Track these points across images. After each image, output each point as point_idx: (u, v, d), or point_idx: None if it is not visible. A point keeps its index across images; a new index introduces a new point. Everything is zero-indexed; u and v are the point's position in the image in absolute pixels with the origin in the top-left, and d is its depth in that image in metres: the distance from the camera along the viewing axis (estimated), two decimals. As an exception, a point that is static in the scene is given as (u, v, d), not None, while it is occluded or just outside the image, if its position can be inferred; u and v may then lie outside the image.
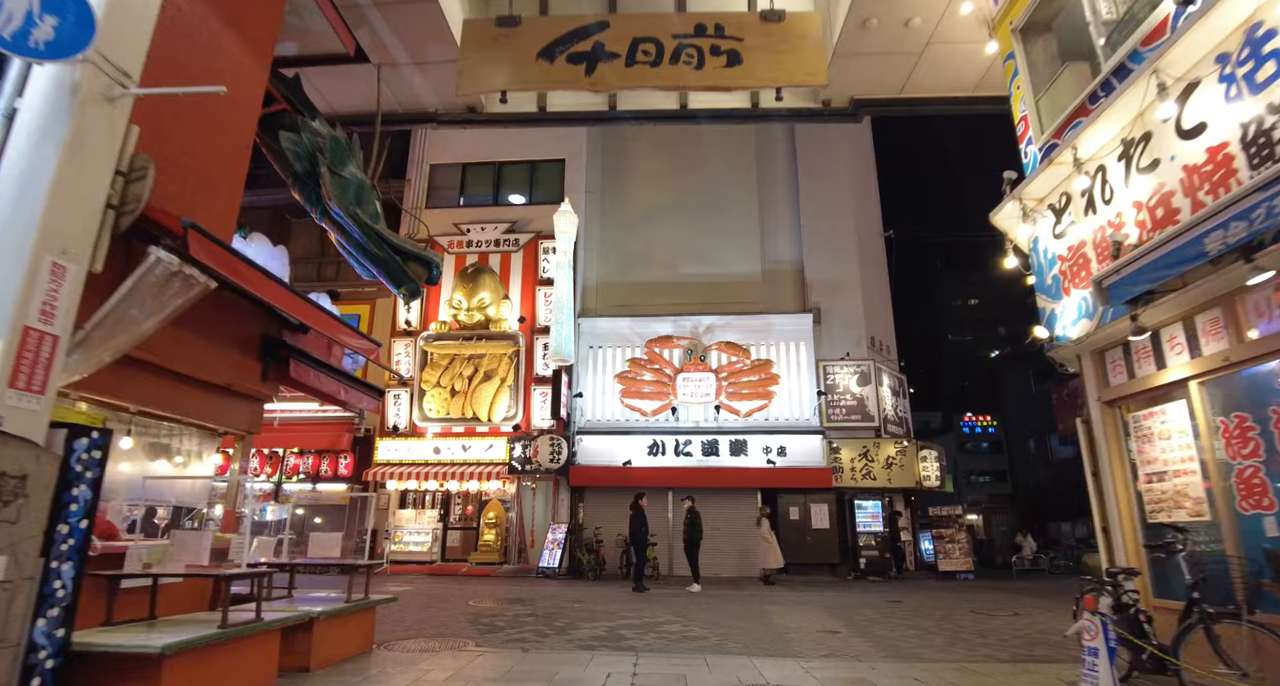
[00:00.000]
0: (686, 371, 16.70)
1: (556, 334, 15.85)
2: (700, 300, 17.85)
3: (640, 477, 15.45)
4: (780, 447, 16.03)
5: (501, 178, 19.77)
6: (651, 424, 16.71)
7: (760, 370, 16.64)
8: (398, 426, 17.26)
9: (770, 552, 13.99)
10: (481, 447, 16.77)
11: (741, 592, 12.01)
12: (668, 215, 19.16)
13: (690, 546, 12.13)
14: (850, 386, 16.84)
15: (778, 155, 19.54)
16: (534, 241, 18.23)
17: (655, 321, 17.43)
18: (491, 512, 16.84)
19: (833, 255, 18.23)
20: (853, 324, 17.64)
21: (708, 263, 18.54)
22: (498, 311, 17.52)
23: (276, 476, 17.42)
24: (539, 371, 17.02)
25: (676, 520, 15.54)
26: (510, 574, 15.47)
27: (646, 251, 18.91)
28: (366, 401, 7.93)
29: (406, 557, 16.67)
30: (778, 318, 17.22)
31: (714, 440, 16.22)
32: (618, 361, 17.31)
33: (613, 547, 15.27)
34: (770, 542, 14.08)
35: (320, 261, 20.48)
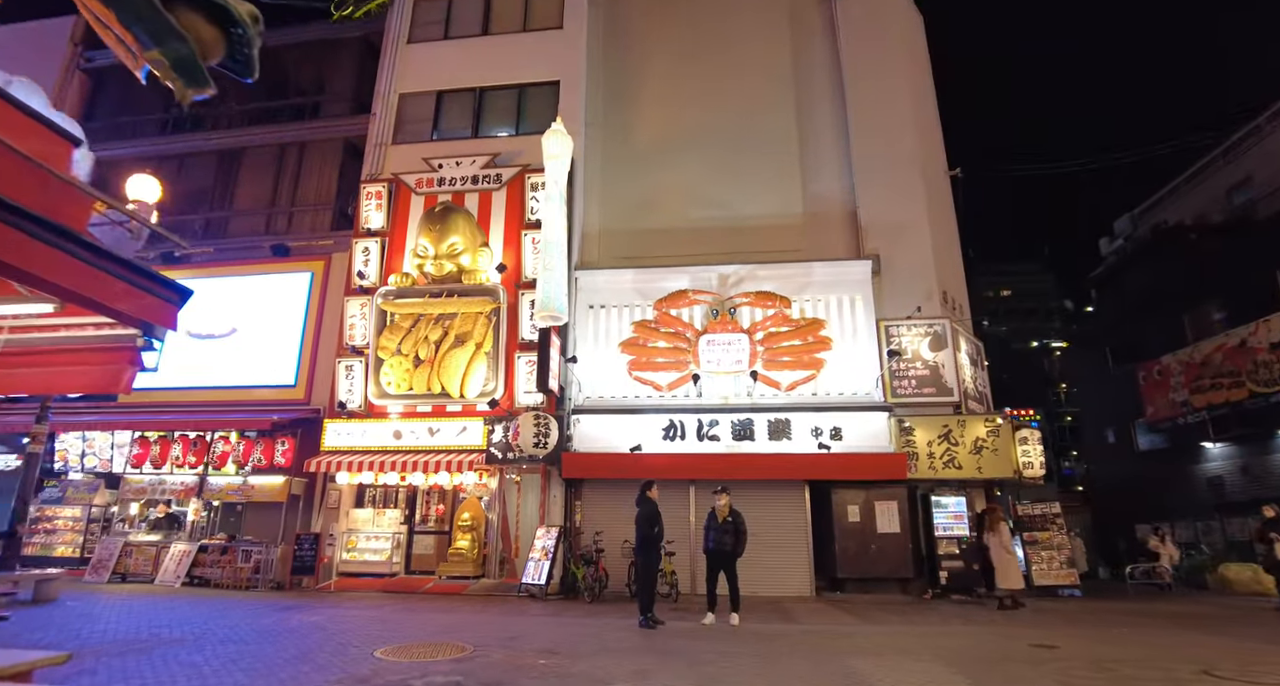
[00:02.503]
0: (711, 333, 13.11)
1: (545, 284, 12.33)
2: (724, 248, 14.27)
3: (653, 467, 11.85)
4: (834, 429, 12.41)
5: (483, 106, 16.29)
6: (667, 400, 13.16)
7: (807, 331, 13.02)
8: (346, 404, 13.80)
9: (1009, 569, 10.61)
10: (453, 431, 13.28)
11: (798, 627, 8.42)
12: (684, 150, 15.60)
13: (729, 561, 8.54)
14: (921, 351, 13.18)
15: (818, 75, 15.91)
16: (520, 176, 14.72)
17: (668, 274, 13.86)
18: (467, 513, 13.36)
19: (892, 192, 14.56)
20: (920, 275, 13.97)
21: (734, 204, 14.95)
22: (473, 261, 14.02)
23: (202, 466, 14.04)
24: (525, 335, 13.50)
25: (701, 522, 11.97)
26: (486, 591, 11.97)
27: (657, 193, 15.36)
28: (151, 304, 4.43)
29: (361, 569, 13.23)
30: (825, 266, 13.60)
31: (748, 420, 12.62)
32: (624, 324, 13.76)
33: (617, 558, 11.73)
34: (1011, 555, 10.80)
35: (270, 213, 17.16)
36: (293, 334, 15.25)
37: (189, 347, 15.69)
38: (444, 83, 16.56)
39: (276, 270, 15.96)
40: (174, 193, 18.05)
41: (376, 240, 14.91)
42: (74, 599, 9.60)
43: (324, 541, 12.80)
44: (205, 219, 17.47)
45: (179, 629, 7.05)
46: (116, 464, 14.93)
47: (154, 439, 14.40)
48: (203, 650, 5.91)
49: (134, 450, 14.45)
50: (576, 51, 16.05)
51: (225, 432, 14.14)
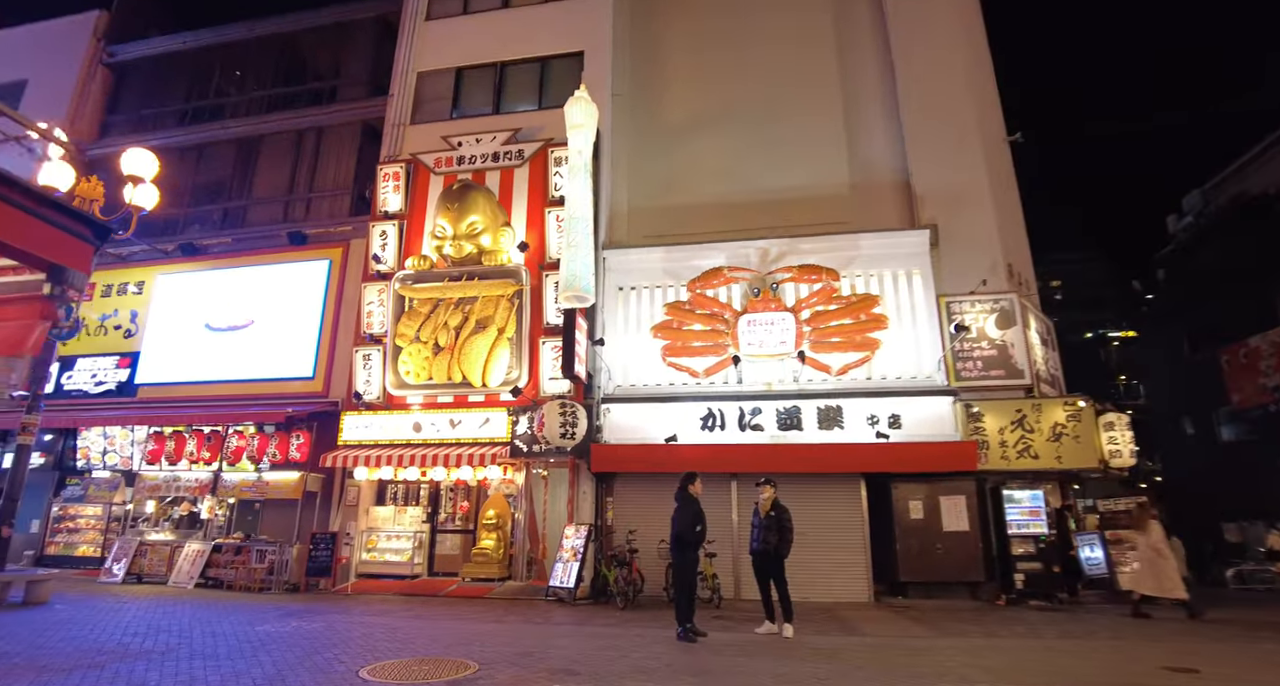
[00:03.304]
0: (752, 312, 11.97)
1: (570, 262, 11.35)
2: (762, 223, 13.10)
3: (690, 460, 10.79)
4: (892, 416, 11.17)
5: (504, 81, 15.40)
6: (705, 387, 12.07)
7: (858, 308, 11.79)
8: (362, 395, 13.02)
9: (1163, 572, 9.38)
10: (475, 422, 12.39)
11: (861, 640, 7.26)
12: (717, 121, 14.50)
13: (774, 562, 7.42)
14: (987, 330, 11.84)
15: (862, 37, 14.62)
16: (543, 152, 13.78)
17: (702, 251, 12.76)
18: (492, 510, 12.46)
19: (948, 158, 13.22)
20: (982, 247, 12.60)
21: (772, 177, 13.77)
22: (494, 241, 13.12)
23: (216, 462, 13.41)
24: (549, 319, 12.55)
25: (746, 520, 10.86)
26: (511, 594, 11.03)
27: (689, 168, 14.27)
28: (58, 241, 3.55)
29: (382, 570, 12.45)
30: (876, 237, 12.34)
31: (794, 408, 11.46)
32: (655, 307, 12.71)
33: (653, 559, 10.66)
34: (1167, 558, 9.51)
35: (288, 200, 16.54)
36: (311, 324, 14.57)
37: (206, 340, 15.16)
38: (463, 59, 15.74)
39: (294, 258, 15.32)
40: (194, 184, 17.67)
41: (394, 223, 14.15)
42: (67, 602, 8.94)
43: (341, 541, 12.02)
44: (224, 209, 16.96)
45: (155, 638, 6.24)
46: (136, 461, 14.46)
47: (168, 434, 13.84)
48: (164, 666, 5.05)
49: (149, 446, 13.91)
50: (601, 20, 15.06)
51: (240, 427, 13.50)
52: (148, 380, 15.30)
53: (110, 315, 16.34)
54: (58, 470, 15.40)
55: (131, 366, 15.59)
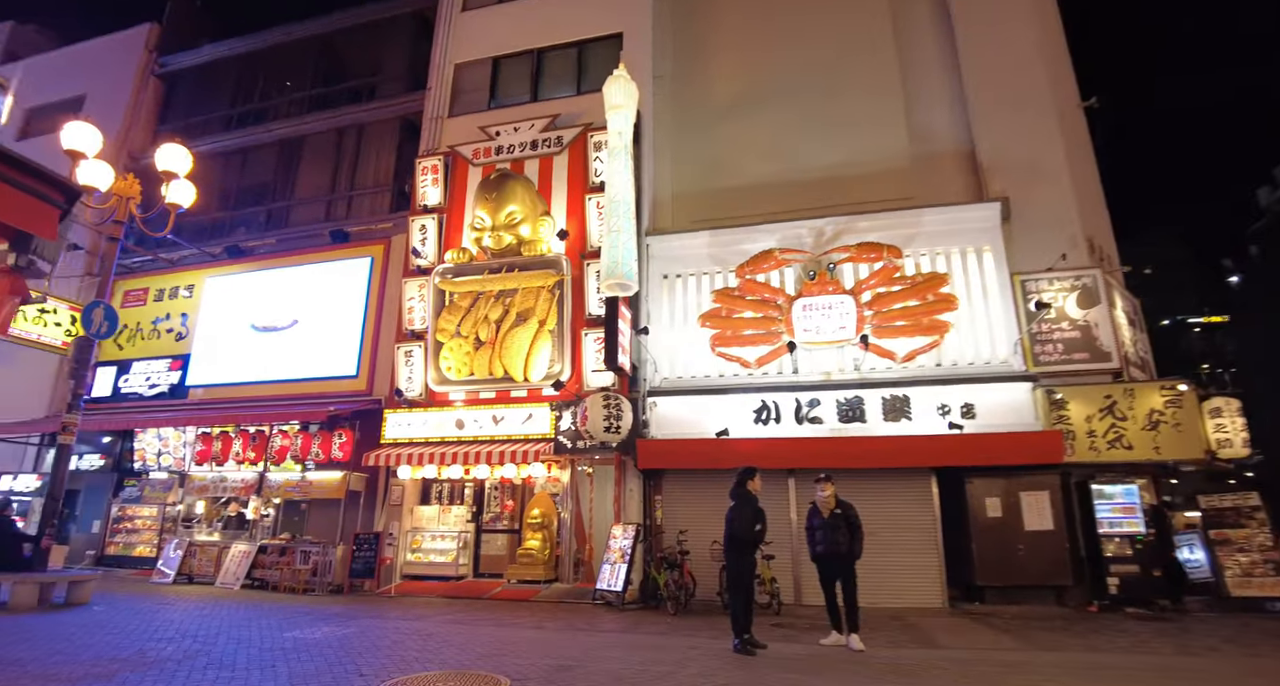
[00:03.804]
0: (808, 296, 11.17)
1: (611, 247, 10.78)
2: (815, 203, 12.29)
3: (744, 455, 9.97)
4: (965, 405, 10.25)
5: (542, 68, 14.95)
6: (758, 378, 11.34)
7: (925, 289, 10.87)
8: (403, 392, 12.72)
9: None
10: (518, 418, 11.94)
11: (942, 653, 6.45)
12: (764, 99, 13.73)
13: (845, 565, 6.67)
14: (1068, 309, 10.78)
15: (918, 3, 13.66)
16: (582, 137, 13.26)
17: (751, 233, 12.01)
18: (537, 509, 11.99)
19: (1018, 125, 12.14)
20: (1059, 220, 11.52)
21: (824, 154, 12.94)
22: (533, 230, 12.66)
23: (261, 463, 13.31)
24: (592, 310, 12.02)
25: (804, 518, 10.12)
26: (557, 597, 10.53)
27: (735, 148, 13.54)
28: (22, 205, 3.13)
29: (426, 571, 12.11)
30: (940, 212, 11.40)
31: (857, 398, 10.64)
32: (703, 294, 12.04)
33: (705, 561, 9.99)
34: None
35: (330, 199, 16.47)
36: (354, 322, 14.39)
37: (252, 341, 15.16)
38: (500, 48, 15.37)
39: (337, 257, 15.19)
40: (240, 187, 17.79)
41: (433, 217, 13.85)
42: (110, 603, 8.81)
43: (384, 541, 11.72)
44: (268, 210, 17.01)
45: (178, 644, 5.91)
46: (187, 462, 14.54)
47: (215, 435, 13.83)
48: (175, 677, 4.66)
49: (197, 447, 13.93)
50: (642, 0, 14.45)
51: (284, 427, 13.38)
52: (197, 382, 15.41)
53: (162, 319, 16.55)
54: (116, 472, 15.65)
55: (183, 368, 15.73)
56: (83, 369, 9.28)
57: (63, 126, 9.31)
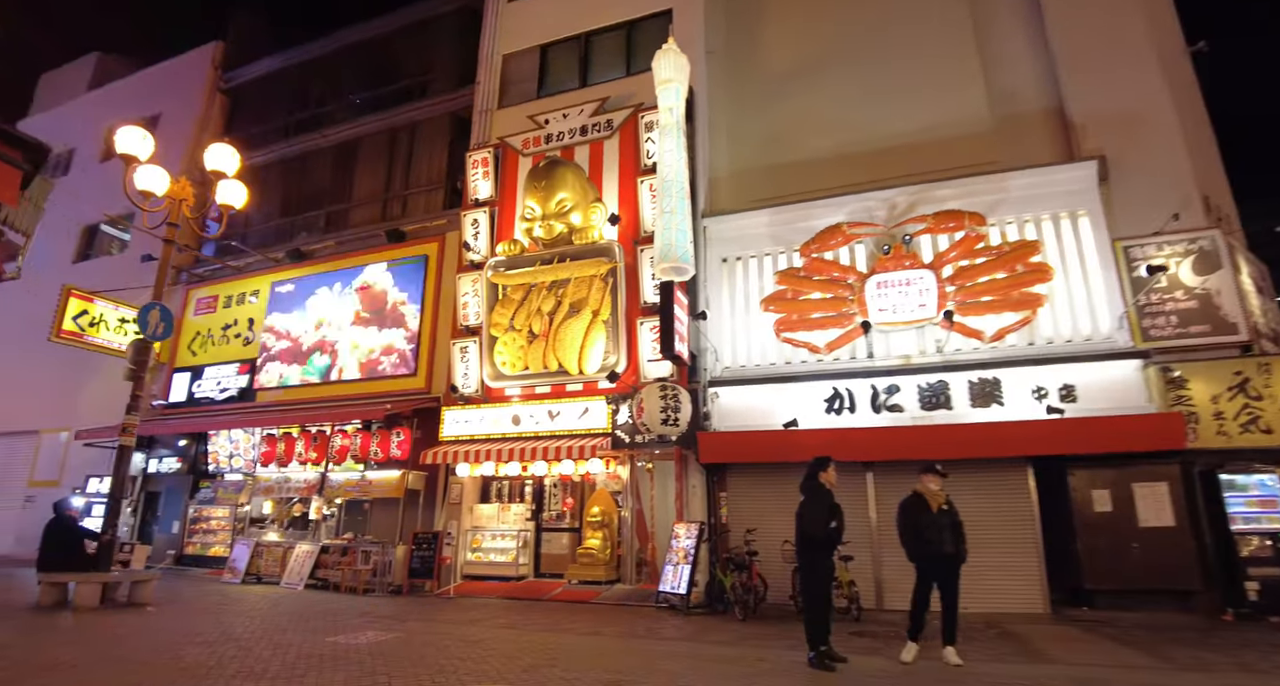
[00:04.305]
0: (882, 272, 10.26)
1: (665, 229, 10.16)
2: (886, 174, 11.33)
3: (815, 447, 9.19)
4: (1064, 387, 9.16)
5: (590, 52, 14.49)
6: (828, 364, 10.51)
7: (1014, 258, 9.80)
8: (458, 388, 12.46)
9: None
10: (574, 413, 11.49)
11: (1055, 670, 5.55)
12: (824, 67, 12.80)
13: (953, 569, 5.84)
14: (1182, 276, 9.51)
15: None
16: (633, 118, 12.71)
17: (815, 209, 11.18)
18: (596, 507, 11.51)
19: (1114, 77, 10.86)
20: (1167, 178, 10.20)
21: (894, 121, 11.92)
22: (584, 218, 12.18)
23: (323, 463, 13.31)
24: (647, 298, 11.44)
25: (886, 516, 9.29)
26: (619, 599, 10.00)
27: (795, 122, 12.67)
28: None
29: (487, 571, 11.81)
30: (1027, 175, 10.28)
31: (940, 382, 9.68)
32: (765, 277, 11.29)
33: (776, 562, 9.27)
34: None
35: (385, 199, 16.47)
36: (412, 320, 14.27)
37: (314, 342, 15.27)
38: (547, 35, 14.99)
39: (394, 256, 15.13)
40: (300, 193, 18.04)
41: (485, 211, 13.57)
42: (172, 602, 8.81)
43: (442, 541, 11.46)
44: (326, 214, 17.17)
45: (215, 649, 5.66)
46: (256, 463, 14.75)
47: (279, 436, 13.95)
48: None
49: (262, 448, 14.09)
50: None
51: (344, 426, 13.36)
52: (264, 384, 15.64)
53: (231, 324, 16.92)
54: (192, 474, 16.05)
55: (250, 372, 16.01)
56: (140, 371, 9.31)
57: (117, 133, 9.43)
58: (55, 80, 26.33)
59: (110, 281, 16.69)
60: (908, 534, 5.95)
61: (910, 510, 6.03)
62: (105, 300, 16.40)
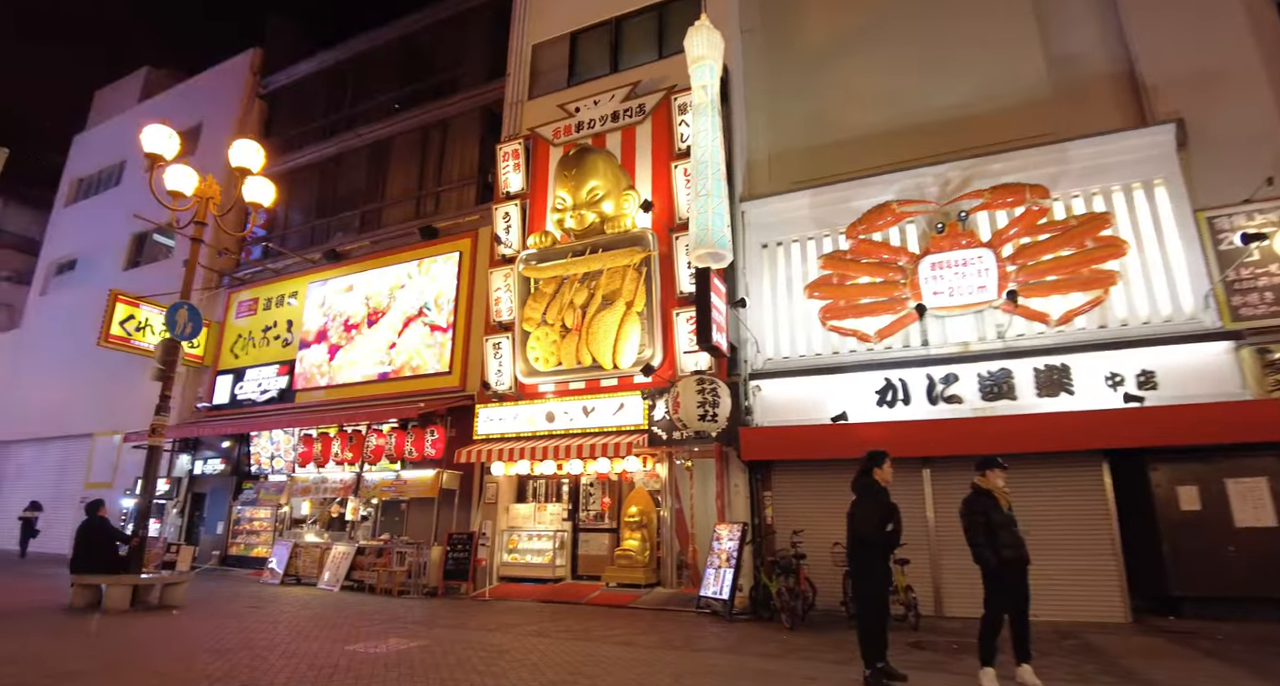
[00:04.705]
0: (936, 252, 9.53)
1: (700, 213, 9.63)
2: (937, 149, 10.57)
3: (866, 442, 8.51)
4: (1143, 372, 8.31)
5: (621, 37, 14.04)
6: (879, 353, 9.83)
7: (1082, 233, 8.96)
8: (491, 385, 12.15)
9: None
10: (609, 409, 11.05)
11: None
12: (868, 41, 12.07)
13: (1025, 573, 5.17)
14: (1276, 248, 8.54)
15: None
16: (665, 101, 12.21)
17: (861, 188, 10.50)
18: (634, 506, 11.04)
19: (1191, 32, 9.90)
20: (1258, 140, 9.19)
21: (944, 93, 11.14)
22: (617, 206, 11.74)
23: (359, 463, 13.16)
24: (683, 288, 10.93)
25: (945, 516, 8.60)
26: (658, 604, 9.51)
27: (836, 99, 11.98)
28: None
29: (523, 573, 11.45)
30: (1095, 142, 9.41)
31: (1003, 370, 8.92)
32: (809, 262, 10.65)
33: (825, 566, 8.65)
34: None
35: (419, 196, 16.33)
36: (446, 318, 14.04)
37: (351, 342, 15.19)
38: (577, 22, 14.60)
39: (426, 254, 14.95)
40: (335, 193, 18.04)
41: (516, 204, 13.26)
42: (205, 603, 8.67)
43: (477, 541, 11.15)
44: (361, 214, 17.12)
45: (228, 659, 5.38)
46: (295, 464, 14.73)
47: (316, 436, 13.88)
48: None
49: (299, 448, 14.04)
50: (722, -51, 13.20)
51: (379, 426, 13.19)
52: (302, 385, 15.64)
53: (271, 326, 17.01)
54: (235, 475, 16.17)
55: (290, 373, 16.03)
56: (169, 371, 9.20)
57: (147, 130, 9.37)
58: (108, 95, 27.13)
59: (158, 287, 16.96)
60: (981, 536, 5.20)
61: (981, 508, 5.27)
62: (151, 305, 16.71)
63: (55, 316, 22.09)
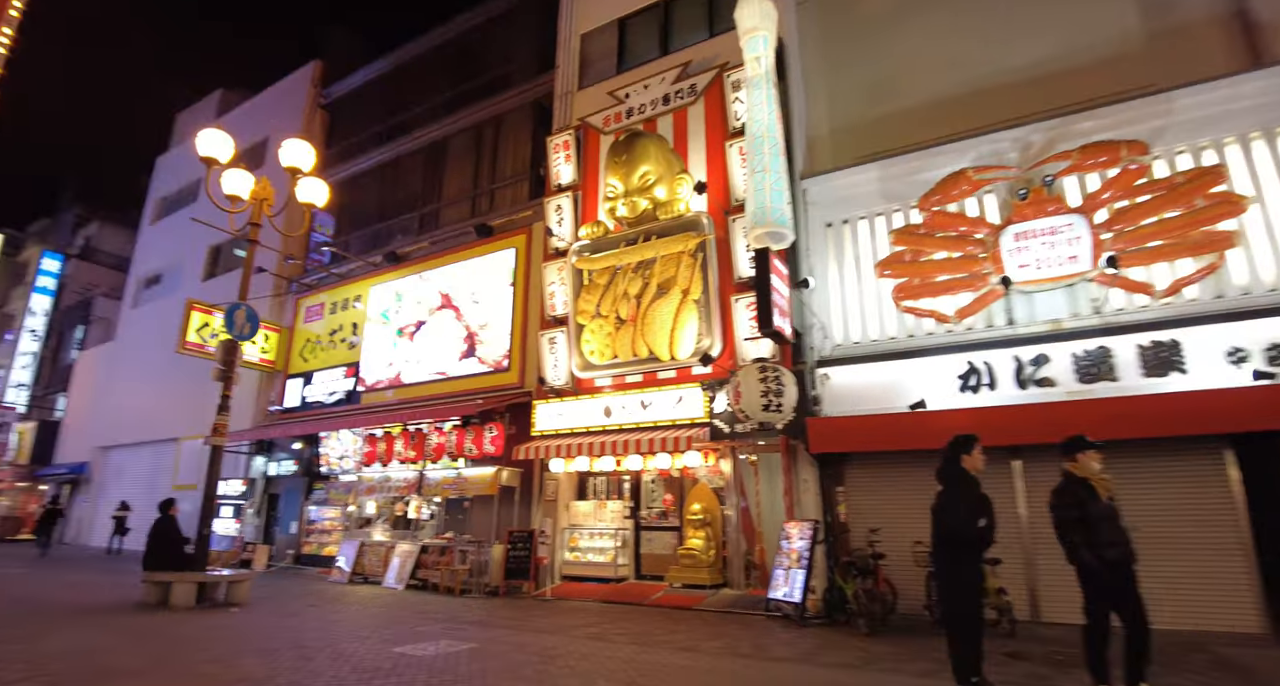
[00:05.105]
0: (1020, 221, 8.66)
1: (757, 191, 9.07)
2: (1015, 110, 9.63)
3: (948, 431, 7.78)
4: (1274, 347, 7.27)
5: (670, 19, 13.57)
6: (959, 334, 9.03)
7: (1192, 191, 7.94)
8: (547, 380, 11.89)
9: None
10: (668, 402, 10.60)
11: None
12: (932, 1, 11.22)
13: (1132, 575, 4.45)
14: None
15: None
16: (718, 79, 11.68)
17: (933, 157, 9.68)
18: (697, 504, 10.56)
19: (1313, -39, 8.71)
20: (1402, 77, 7.99)
21: (1021, 51, 10.16)
22: (670, 191, 11.27)
23: (421, 462, 13.14)
24: (741, 273, 10.38)
25: (1039, 510, 7.77)
26: (724, 605, 9.00)
27: (903, 66, 11.13)
28: None
29: (585, 572, 11.15)
30: (1201, 91, 8.32)
31: (1101, 349, 8.00)
32: (878, 239, 9.92)
33: (906, 566, 7.96)
34: None
35: (474, 195, 16.30)
36: (504, 315, 13.91)
37: (412, 342, 15.27)
38: (625, 7, 14.22)
39: (482, 252, 14.86)
40: (395, 197, 18.25)
41: (568, 195, 12.98)
42: (266, 603, 8.68)
43: (537, 539, 10.90)
44: (419, 215, 17.24)
45: (274, 660, 5.23)
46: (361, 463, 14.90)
47: (380, 436, 13.96)
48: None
49: (364, 448, 14.15)
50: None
51: (440, 424, 13.13)
52: (367, 386, 15.83)
53: (337, 330, 17.31)
54: (307, 476, 16.51)
55: (355, 375, 16.26)
56: (229, 371, 9.29)
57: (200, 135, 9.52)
58: (187, 118, 28.48)
59: (232, 295, 17.33)
60: (1076, 531, 4.48)
61: (1074, 498, 4.55)
62: (222, 312, 17.25)
63: (144, 328, 23.27)
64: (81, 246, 34.30)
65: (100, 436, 23.75)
